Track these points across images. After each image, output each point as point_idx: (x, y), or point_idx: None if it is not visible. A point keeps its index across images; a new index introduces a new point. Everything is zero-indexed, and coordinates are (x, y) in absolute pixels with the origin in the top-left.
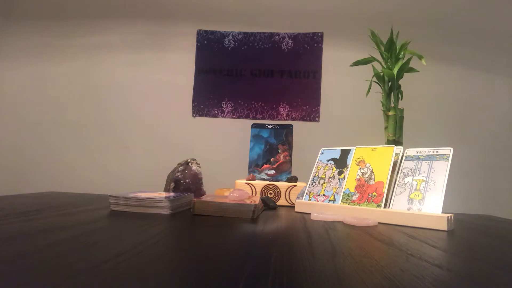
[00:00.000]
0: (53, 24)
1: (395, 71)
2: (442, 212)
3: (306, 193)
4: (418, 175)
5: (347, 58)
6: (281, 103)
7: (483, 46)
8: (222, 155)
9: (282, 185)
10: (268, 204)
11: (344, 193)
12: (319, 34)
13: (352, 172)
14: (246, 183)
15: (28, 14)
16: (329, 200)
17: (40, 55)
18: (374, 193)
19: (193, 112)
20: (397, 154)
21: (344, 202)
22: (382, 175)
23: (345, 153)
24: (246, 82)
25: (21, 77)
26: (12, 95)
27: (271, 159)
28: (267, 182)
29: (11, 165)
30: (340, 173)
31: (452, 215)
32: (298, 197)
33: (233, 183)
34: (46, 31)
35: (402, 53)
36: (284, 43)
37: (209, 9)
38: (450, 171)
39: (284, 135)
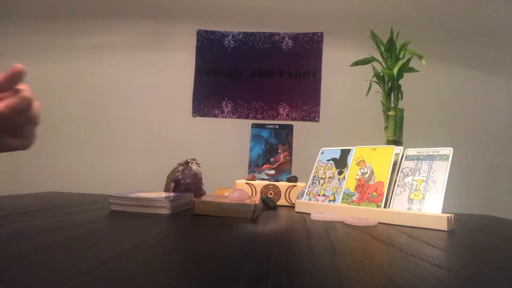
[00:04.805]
0: (53, 24)
1: (395, 71)
2: (442, 212)
3: (306, 193)
4: (418, 175)
5: (347, 58)
6: (281, 103)
7: (483, 46)
8: (222, 155)
9: (282, 185)
10: (268, 204)
11: (344, 193)
12: (319, 34)
13: (352, 172)
14: (246, 183)
15: (28, 14)
16: (329, 200)
17: (40, 55)
18: (374, 193)
19: (193, 112)
20: (397, 154)
21: (344, 202)
22: (382, 175)
23: (345, 153)
24: (246, 82)
25: None
26: None
27: (271, 159)
28: (267, 182)
29: (11, 165)
30: (340, 173)
31: (452, 215)
32: (298, 197)
33: (233, 183)
34: (46, 31)
35: (402, 53)
36: (284, 43)
37: (209, 9)
38: (450, 171)
39: (284, 135)
